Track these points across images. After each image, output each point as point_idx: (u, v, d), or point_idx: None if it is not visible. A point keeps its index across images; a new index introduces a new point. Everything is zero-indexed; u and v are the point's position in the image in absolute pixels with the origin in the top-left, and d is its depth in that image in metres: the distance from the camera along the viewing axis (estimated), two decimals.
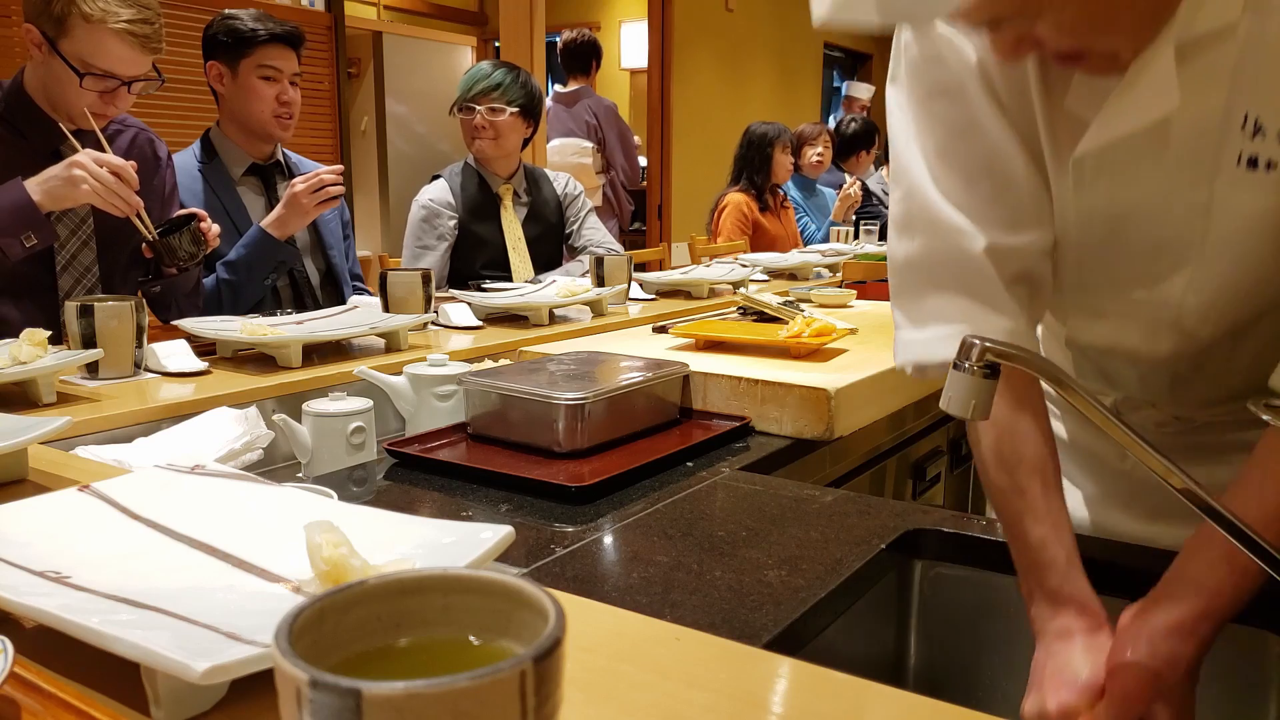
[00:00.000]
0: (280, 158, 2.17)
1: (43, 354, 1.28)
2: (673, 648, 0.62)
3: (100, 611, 0.56)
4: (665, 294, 2.37)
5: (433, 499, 1.07)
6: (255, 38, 2.02)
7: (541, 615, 0.38)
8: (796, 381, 1.29)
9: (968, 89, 0.80)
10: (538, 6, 4.40)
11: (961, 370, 0.95)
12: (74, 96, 1.65)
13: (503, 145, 2.52)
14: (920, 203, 0.84)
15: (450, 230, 2.48)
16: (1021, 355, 0.73)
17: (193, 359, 1.45)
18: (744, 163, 4.13)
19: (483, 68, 2.56)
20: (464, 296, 1.99)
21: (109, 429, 1.19)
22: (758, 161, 4.09)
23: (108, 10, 1.60)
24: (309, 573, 0.57)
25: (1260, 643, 0.84)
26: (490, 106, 2.49)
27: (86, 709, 0.51)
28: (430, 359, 1.32)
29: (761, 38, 6.76)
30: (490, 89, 2.50)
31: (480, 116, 2.49)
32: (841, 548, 0.90)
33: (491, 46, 7.52)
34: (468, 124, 2.53)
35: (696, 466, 1.16)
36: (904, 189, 0.85)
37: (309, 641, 0.37)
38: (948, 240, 0.82)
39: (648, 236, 6.13)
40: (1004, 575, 0.94)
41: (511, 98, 2.51)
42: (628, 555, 0.90)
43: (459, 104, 2.54)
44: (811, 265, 2.98)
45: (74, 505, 0.73)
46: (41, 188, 1.57)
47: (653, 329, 1.78)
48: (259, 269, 1.98)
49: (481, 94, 2.50)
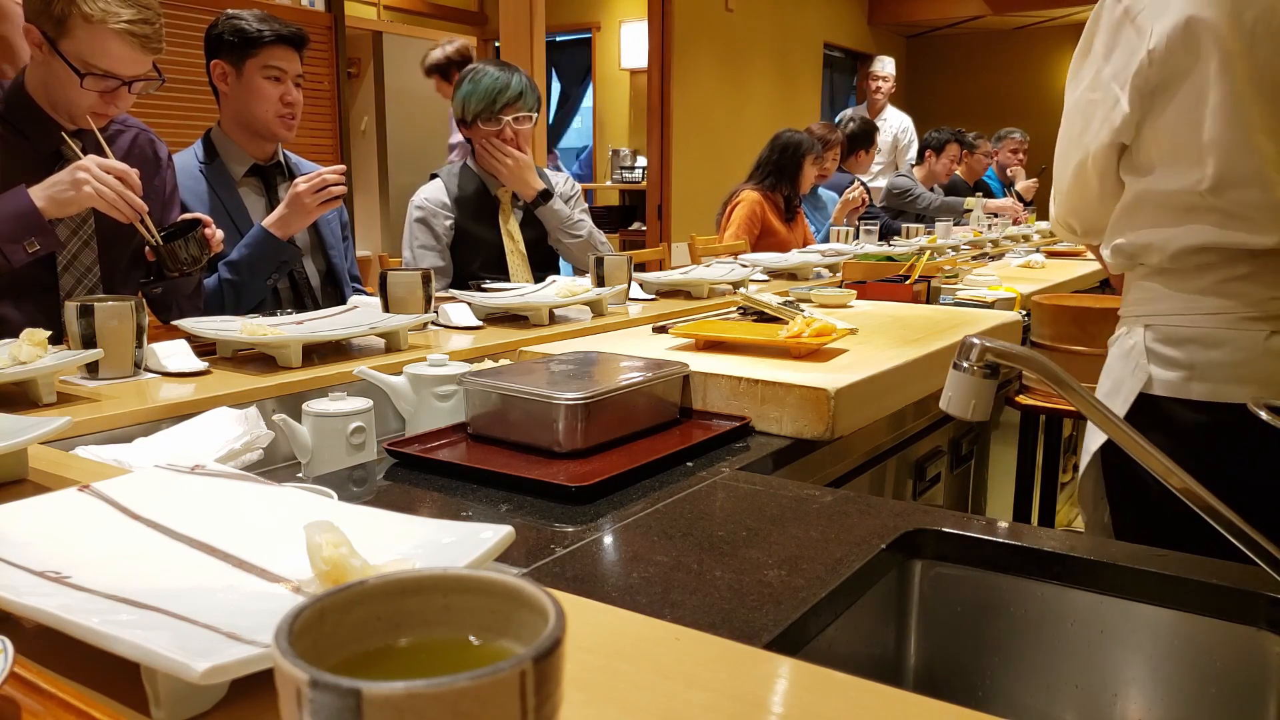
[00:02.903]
0: (281, 158, 2.17)
1: (43, 354, 1.28)
2: (673, 648, 0.62)
3: (100, 611, 0.56)
4: (665, 294, 2.37)
5: (433, 499, 1.07)
6: (261, 38, 2.03)
7: (541, 615, 0.38)
8: (796, 381, 1.29)
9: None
10: (538, 6, 4.40)
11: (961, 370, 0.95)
12: (74, 96, 1.65)
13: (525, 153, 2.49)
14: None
15: (447, 230, 2.44)
16: (1022, 355, 0.73)
17: (193, 359, 1.45)
18: (772, 167, 4.08)
19: (496, 76, 2.43)
20: (464, 296, 1.99)
21: (109, 429, 1.19)
22: (789, 169, 4.05)
23: (108, 10, 1.60)
24: (309, 573, 0.57)
25: (1260, 643, 0.84)
26: (516, 117, 2.42)
27: (86, 709, 0.51)
28: (430, 359, 1.32)
29: (761, 38, 6.76)
30: (514, 99, 2.41)
31: (509, 128, 2.40)
32: (841, 548, 0.90)
33: (491, 46, 7.53)
34: (487, 135, 2.42)
35: (696, 466, 1.16)
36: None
37: (309, 641, 0.37)
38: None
39: (648, 236, 6.13)
40: (1004, 575, 0.94)
41: (532, 104, 2.45)
42: (628, 555, 0.90)
43: (483, 117, 2.42)
44: (811, 265, 2.98)
45: (74, 505, 0.73)
46: (46, 194, 1.57)
47: (653, 329, 1.78)
48: (261, 269, 1.98)
49: (508, 105, 2.40)
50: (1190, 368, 1.29)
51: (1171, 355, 1.31)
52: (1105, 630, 0.90)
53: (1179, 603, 0.87)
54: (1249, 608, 0.84)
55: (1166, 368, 1.31)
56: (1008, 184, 6.49)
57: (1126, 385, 1.34)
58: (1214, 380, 1.28)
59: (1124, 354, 1.37)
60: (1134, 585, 0.88)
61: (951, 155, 5.56)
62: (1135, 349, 1.34)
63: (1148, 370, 1.32)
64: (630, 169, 7.76)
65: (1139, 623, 0.89)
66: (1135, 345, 1.34)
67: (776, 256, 3.20)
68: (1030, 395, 2.06)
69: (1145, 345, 1.33)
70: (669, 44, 5.77)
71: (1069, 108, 1.40)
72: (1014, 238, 4.35)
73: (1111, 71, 1.30)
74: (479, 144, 2.47)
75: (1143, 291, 1.37)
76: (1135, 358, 1.34)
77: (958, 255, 3.48)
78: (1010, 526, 0.98)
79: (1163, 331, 1.32)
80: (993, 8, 8.04)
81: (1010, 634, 0.94)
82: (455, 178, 2.50)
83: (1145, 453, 0.81)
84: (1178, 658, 0.88)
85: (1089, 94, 1.34)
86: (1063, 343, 1.99)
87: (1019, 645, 0.94)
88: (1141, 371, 1.33)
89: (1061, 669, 0.92)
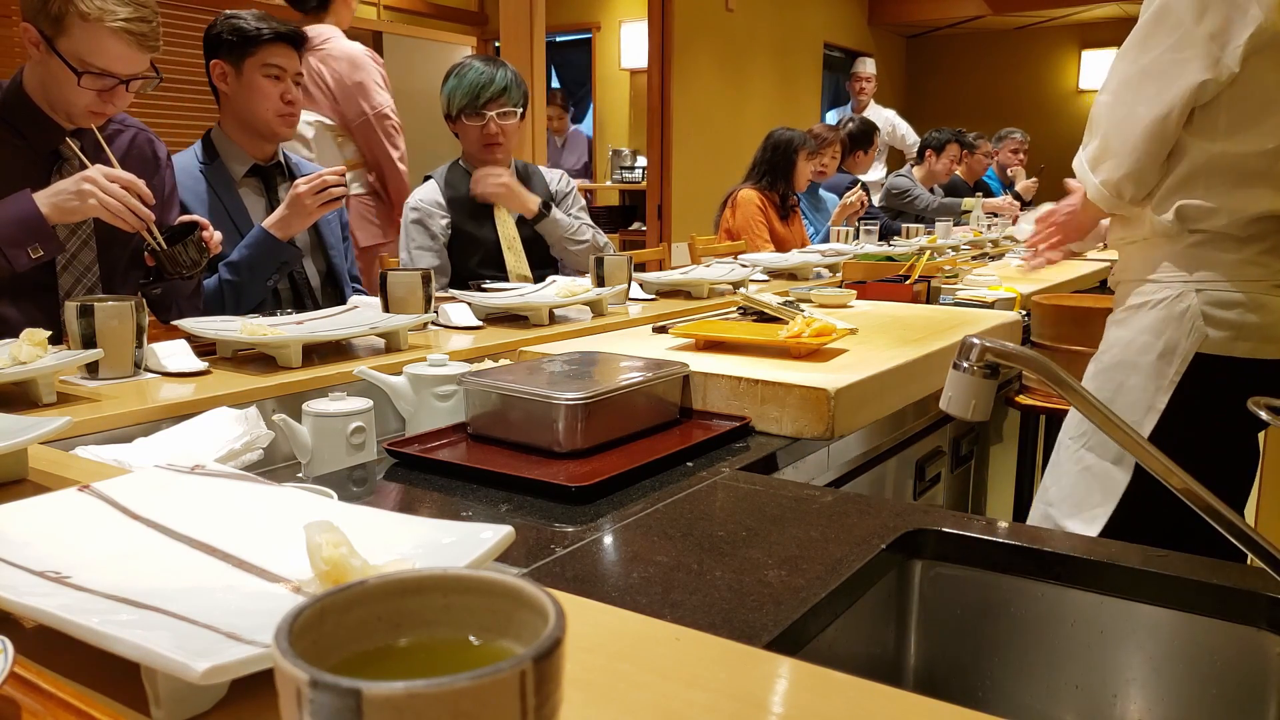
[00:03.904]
0: (282, 159, 2.17)
1: (43, 354, 1.28)
2: (673, 648, 0.62)
3: (100, 611, 0.56)
4: (665, 294, 2.37)
5: (433, 499, 1.07)
6: (260, 37, 2.03)
7: (541, 615, 0.38)
8: (796, 381, 1.29)
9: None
10: (538, 6, 4.40)
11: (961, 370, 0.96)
12: (72, 95, 1.65)
13: (508, 150, 2.49)
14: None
15: (443, 230, 2.45)
16: (1022, 355, 0.73)
17: (193, 359, 1.45)
18: (766, 166, 4.10)
19: (481, 70, 2.45)
20: (464, 296, 1.99)
21: (109, 429, 1.19)
22: (783, 167, 4.07)
23: (105, 9, 1.60)
24: (309, 573, 0.57)
25: (1260, 643, 0.84)
26: (500, 112, 2.42)
27: (86, 709, 0.51)
28: (430, 359, 1.32)
29: (761, 38, 6.76)
30: (498, 94, 2.42)
31: (492, 123, 2.42)
32: (841, 548, 0.90)
33: (491, 46, 7.52)
34: (475, 131, 2.44)
35: (696, 466, 1.16)
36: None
37: (309, 641, 0.37)
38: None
39: (648, 236, 6.13)
40: (1004, 575, 0.94)
41: (516, 100, 2.46)
42: (628, 555, 0.90)
43: (466, 111, 2.43)
44: (811, 265, 2.98)
45: (74, 505, 0.73)
46: (50, 201, 1.57)
47: (653, 329, 1.78)
48: (261, 269, 1.98)
49: (491, 100, 2.41)
50: (1239, 328, 1.44)
51: (1223, 317, 1.45)
52: (1105, 630, 0.90)
53: (1179, 603, 0.87)
54: (1249, 608, 0.84)
55: (1218, 328, 1.45)
56: (1008, 184, 6.50)
57: (1183, 345, 1.47)
58: (1255, 340, 1.44)
59: (1176, 317, 1.48)
60: (1134, 585, 0.88)
61: (951, 155, 5.57)
62: (1190, 312, 1.46)
63: (1204, 331, 1.45)
64: (630, 169, 7.76)
65: (1139, 623, 0.88)
66: (1189, 308, 1.46)
67: (776, 256, 3.20)
68: (1030, 395, 2.06)
69: (1200, 308, 1.45)
70: (669, 44, 5.77)
71: (1134, 72, 1.45)
72: (1013, 238, 4.35)
73: (1208, 32, 1.37)
74: (468, 147, 2.51)
75: (1191, 258, 1.47)
76: (1190, 319, 1.46)
77: (958, 255, 3.48)
78: (1010, 526, 0.98)
79: (1214, 296, 1.45)
80: (993, 8, 8.04)
81: (1010, 634, 0.94)
82: (449, 177, 2.51)
83: (1147, 454, 0.81)
84: (1178, 658, 0.87)
85: (1173, 54, 1.40)
86: (1063, 343, 1.99)
87: (1019, 645, 0.94)
88: (1198, 333, 1.46)
89: (1061, 669, 0.92)
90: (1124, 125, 1.46)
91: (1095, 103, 1.55)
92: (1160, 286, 1.51)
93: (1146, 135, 1.43)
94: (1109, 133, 1.49)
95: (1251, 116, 1.40)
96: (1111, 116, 1.48)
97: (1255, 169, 1.41)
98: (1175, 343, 1.48)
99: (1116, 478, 1.51)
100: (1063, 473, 1.60)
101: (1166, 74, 1.41)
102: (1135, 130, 1.44)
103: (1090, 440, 1.56)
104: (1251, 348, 1.44)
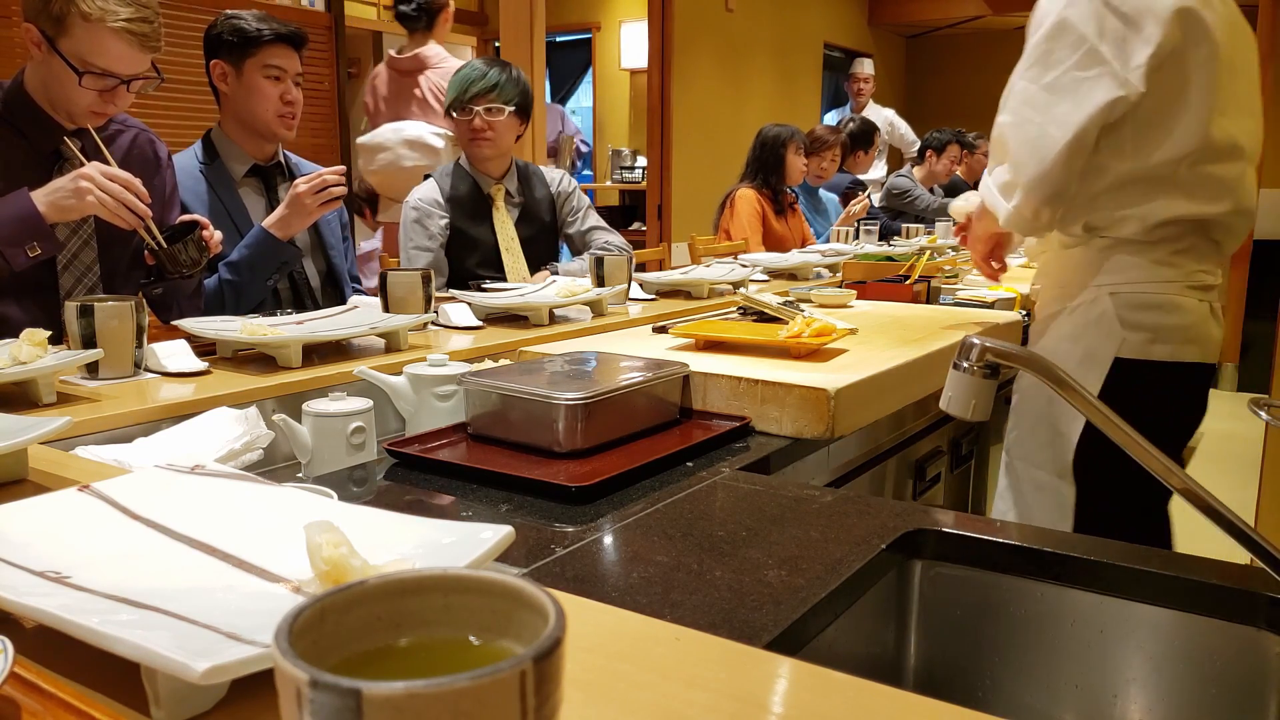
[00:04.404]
0: (281, 159, 2.17)
1: (43, 354, 1.28)
2: (673, 648, 0.62)
3: (100, 611, 0.56)
4: (665, 294, 2.37)
5: (433, 499, 1.07)
6: (260, 37, 2.03)
7: (541, 615, 0.38)
8: (796, 381, 1.29)
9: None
10: (538, 6, 4.40)
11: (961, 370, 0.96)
12: (73, 95, 1.65)
13: (499, 145, 2.50)
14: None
15: (441, 230, 2.46)
16: (1022, 355, 0.74)
17: (193, 359, 1.45)
18: (758, 164, 4.12)
19: (476, 67, 2.52)
20: (464, 296, 1.99)
21: (109, 429, 1.19)
22: (773, 162, 4.08)
23: (106, 9, 1.60)
24: (309, 573, 0.57)
25: (1260, 643, 0.84)
26: (488, 107, 2.46)
27: (86, 709, 0.51)
28: (430, 359, 1.32)
29: (761, 38, 6.76)
30: (487, 89, 2.46)
31: (479, 118, 2.46)
32: (841, 548, 0.90)
33: (491, 46, 7.52)
34: (464, 125, 2.50)
35: (696, 466, 1.16)
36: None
37: (309, 641, 0.37)
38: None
39: (648, 236, 6.13)
40: (1004, 575, 0.94)
41: (508, 97, 2.48)
42: (628, 555, 0.90)
43: (455, 106, 2.50)
44: (811, 265, 2.98)
45: (74, 505, 0.73)
46: (48, 199, 1.57)
47: (653, 329, 1.78)
48: (261, 269, 1.98)
49: (479, 95, 2.46)
50: (1155, 330, 1.42)
51: (1138, 320, 1.42)
52: (1105, 630, 0.90)
53: (1179, 603, 0.87)
54: (1249, 608, 0.84)
55: (1134, 331, 1.43)
56: None
57: (1103, 350, 1.45)
58: (1172, 342, 1.42)
59: (1093, 321, 1.46)
60: (1134, 585, 0.88)
61: (952, 156, 5.57)
62: (1106, 316, 1.44)
63: (1121, 335, 1.43)
64: (630, 169, 7.75)
65: (1139, 623, 0.88)
66: (1105, 312, 1.44)
67: (776, 256, 3.20)
68: None
69: (1115, 312, 1.43)
70: (669, 44, 5.77)
71: (1037, 91, 1.40)
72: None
73: (1110, 50, 1.34)
74: (457, 132, 2.56)
75: (1104, 262, 1.45)
76: (1107, 324, 1.44)
77: (958, 255, 3.48)
78: (1010, 526, 0.98)
79: (1129, 298, 1.43)
80: (993, 8, 8.04)
81: (1010, 634, 0.94)
82: (448, 177, 2.53)
83: (1146, 454, 0.81)
84: (1178, 658, 0.87)
85: (1078, 72, 1.37)
86: None
87: (1019, 645, 0.94)
88: (1115, 337, 1.43)
89: (1061, 669, 0.92)
90: (1037, 147, 1.39)
91: (996, 124, 1.48)
92: (1075, 292, 1.48)
93: (1064, 157, 1.37)
94: (1021, 156, 1.42)
95: (1157, 132, 1.37)
96: (1020, 138, 1.42)
97: (1162, 176, 1.39)
98: (1094, 348, 1.45)
99: (1065, 492, 1.50)
100: (1021, 493, 1.57)
101: (1076, 92, 1.36)
102: (1050, 152, 1.37)
103: (1037, 457, 1.54)
104: (1170, 350, 1.42)
